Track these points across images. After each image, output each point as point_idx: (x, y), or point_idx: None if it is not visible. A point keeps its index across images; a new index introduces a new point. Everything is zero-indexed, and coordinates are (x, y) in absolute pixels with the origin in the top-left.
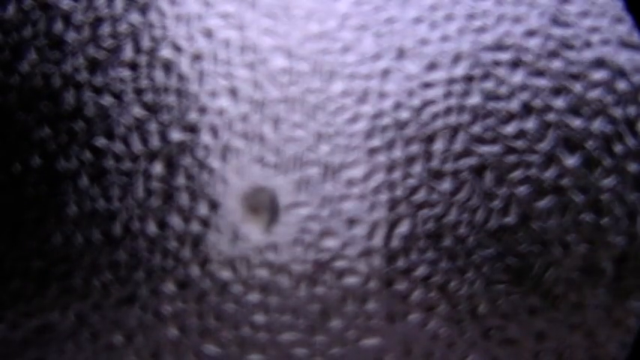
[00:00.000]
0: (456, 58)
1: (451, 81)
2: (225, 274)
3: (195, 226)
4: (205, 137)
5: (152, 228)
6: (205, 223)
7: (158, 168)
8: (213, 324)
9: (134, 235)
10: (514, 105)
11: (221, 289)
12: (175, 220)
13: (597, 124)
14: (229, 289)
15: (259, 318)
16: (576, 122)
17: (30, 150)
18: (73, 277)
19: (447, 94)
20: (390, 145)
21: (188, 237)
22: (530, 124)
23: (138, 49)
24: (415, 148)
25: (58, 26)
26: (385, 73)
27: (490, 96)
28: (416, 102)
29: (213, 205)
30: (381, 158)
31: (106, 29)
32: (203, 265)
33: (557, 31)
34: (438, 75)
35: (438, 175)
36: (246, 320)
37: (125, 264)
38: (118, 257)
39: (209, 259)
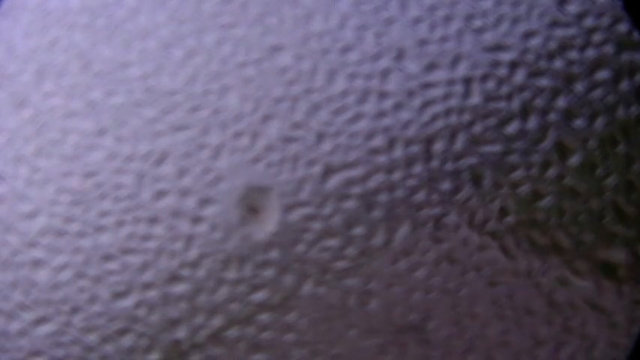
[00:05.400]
0: (456, 58)
1: (451, 81)
2: (227, 274)
3: (196, 227)
4: (205, 136)
5: (158, 230)
6: (206, 223)
7: (162, 169)
8: (217, 324)
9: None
10: (514, 105)
11: (222, 290)
12: (178, 222)
13: (597, 124)
14: (231, 289)
15: (262, 318)
16: (577, 123)
17: None
18: None
19: (448, 94)
20: (390, 145)
21: (190, 237)
22: (531, 124)
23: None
24: (415, 148)
25: None
26: (385, 73)
27: (490, 96)
28: (416, 102)
29: (214, 205)
30: (382, 158)
31: None
32: (205, 265)
33: (557, 31)
34: (439, 75)
35: (438, 175)
36: (248, 320)
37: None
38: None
39: (210, 259)
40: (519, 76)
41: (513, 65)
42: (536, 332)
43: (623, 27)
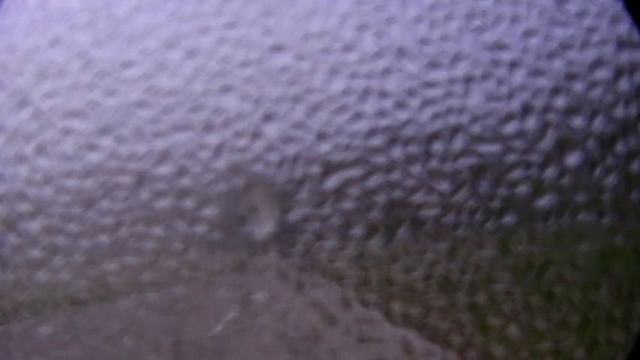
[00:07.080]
0: (456, 58)
1: (451, 81)
2: (227, 274)
3: (195, 227)
4: (205, 136)
5: (157, 230)
6: (206, 223)
7: (162, 169)
8: (217, 325)
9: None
10: (514, 105)
11: (222, 290)
12: (178, 222)
13: (597, 124)
14: (231, 289)
15: (264, 319)
16: (576, 122)
17: None
18: None
19: (448, 94)
20: (389, 145)
21: (189, 237)
22: (530, 124)
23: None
24: (415, 148)
25: None
26: (385, 73)
27: (490, 96)
28: (416, 102)
29: (214, 205)
30: (381, 158)
31: None
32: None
33: (557, 31)
34: (439, 75)
35: (437, 175)
36: (250, 321)
37: (130, 267)
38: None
39: (210, 260)
40: (519, 76)
41: (513, 65)
42: (535, 327)
43: (623, 27)
